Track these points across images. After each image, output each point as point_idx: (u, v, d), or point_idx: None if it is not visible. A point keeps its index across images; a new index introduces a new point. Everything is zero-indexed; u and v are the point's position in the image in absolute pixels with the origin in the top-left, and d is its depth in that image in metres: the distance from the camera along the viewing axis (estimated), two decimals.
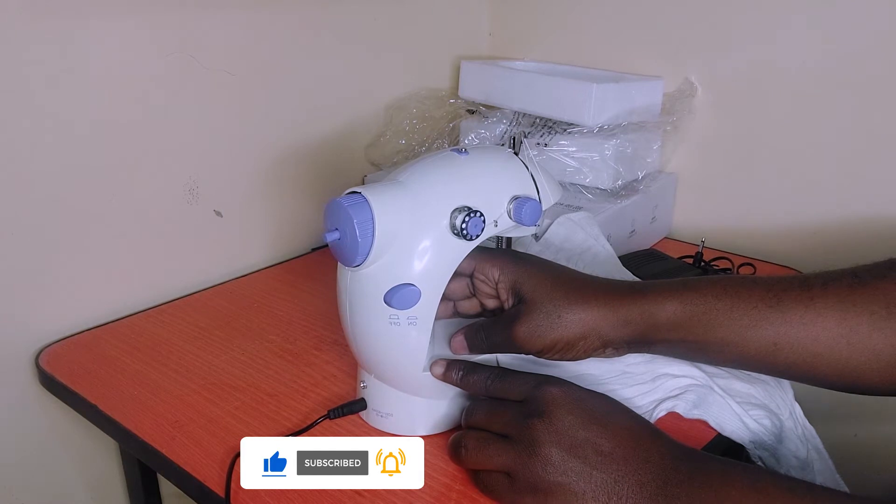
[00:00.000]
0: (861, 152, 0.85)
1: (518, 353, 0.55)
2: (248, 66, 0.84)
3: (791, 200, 0.92)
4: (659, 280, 0.56)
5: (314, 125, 0.95)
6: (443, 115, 1.01)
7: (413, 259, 0.51)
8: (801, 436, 0.62)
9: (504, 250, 0.60)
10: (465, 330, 0.56)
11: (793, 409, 0.62)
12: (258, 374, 0.67)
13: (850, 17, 0.83)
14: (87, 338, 0.75)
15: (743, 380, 0.63)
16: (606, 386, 0.61)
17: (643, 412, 0.60)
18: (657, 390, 0.61)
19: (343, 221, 0.50)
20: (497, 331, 0.55)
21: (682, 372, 0.62)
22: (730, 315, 0.53)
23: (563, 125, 0.90)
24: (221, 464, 0.55)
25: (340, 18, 0.93)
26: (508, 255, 0.57)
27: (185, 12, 0.77)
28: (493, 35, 1.14)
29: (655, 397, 0.61)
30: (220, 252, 0.88)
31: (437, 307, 0.52)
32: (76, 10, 0.69)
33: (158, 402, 0.64)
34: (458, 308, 0.61)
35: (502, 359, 0.59)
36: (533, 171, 0.56)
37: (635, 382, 0.62)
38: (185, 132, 0.81)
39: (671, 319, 0.53)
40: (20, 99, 0.67)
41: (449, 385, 0.55)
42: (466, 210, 0.51)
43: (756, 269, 0.86)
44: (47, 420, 0.76)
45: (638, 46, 1.00)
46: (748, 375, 0.64)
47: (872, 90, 0.83)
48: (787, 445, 0.61)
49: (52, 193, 0.71)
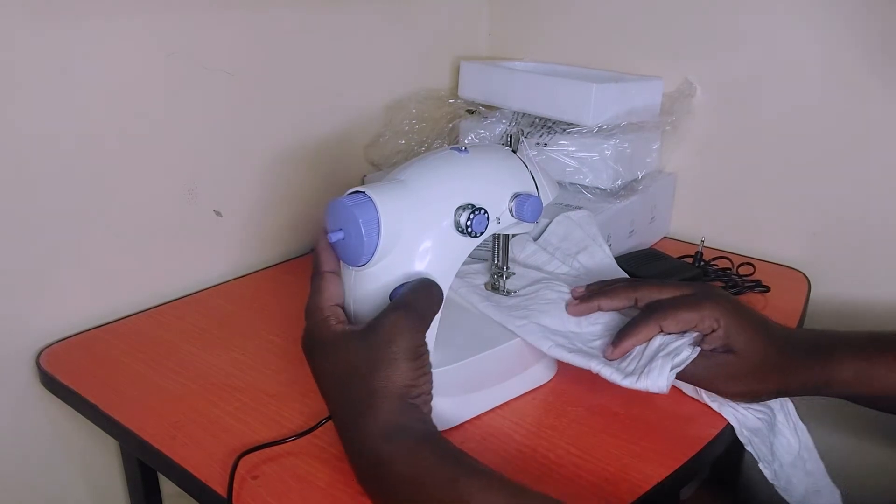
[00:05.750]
0: (861, 152, 0.86)
1: (717, 393, 0.61)
2: (248, 66, 0.84)
3: (790, 200, 0.92)
4: (843, 336, 0.61)
5: (314, 125, 0.94)
6: (442, 115, 1.01)
7: (417, 257, 0.51)
8: (794, 432, 0.62)
9: (721, 292, 0.63)
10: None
11: (784, 404, 0.63)
12: (259, 375, 0.67)
13: (850, 17, 0.83)
14: (87, 338, 0.75)
15: None
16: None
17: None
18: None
19: (348, 221, 0.50)
20: (701, 369, 0.59)
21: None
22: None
23: (562, 125, 0.90)
24: (222, 464, 0.55)
25: (340, 18, 0.93)
26: (727, 302, 0.60)
27: (185, 13, 0.77)
28: (492, 35, 1.14)
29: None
30: (220, 252, 0.88)
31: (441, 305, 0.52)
32: (76, 11, 0.69)
33: (159, 402, 0.63)
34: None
35: (482, 308, 0.64)
36: (531, 168, 0.56)
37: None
38: (184, 132, 0.81)
39: (844, 381, 0.58)
40: (20, 99, 0.67)
41: (452, 383, 0.56)
42: (470, 208, 0.52)
43: (756, 269, 0.86)
44: (48, 420, 0.76)
45: (637, 46, 1.00)
46: None
47: (872, 90, 0.83)
48: (780, 439, 0.61)
49: (52, 193, 0.71)
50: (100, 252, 0.76)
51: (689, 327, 0.60)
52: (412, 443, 0.47)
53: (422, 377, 0.50)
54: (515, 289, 0.69)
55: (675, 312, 0.60)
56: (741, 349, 0.58)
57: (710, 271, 0.86)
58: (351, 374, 0.49)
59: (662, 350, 0.59)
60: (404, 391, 0.48)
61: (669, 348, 0.59)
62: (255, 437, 0.58)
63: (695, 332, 0.60)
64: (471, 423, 0.60)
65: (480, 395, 0.61)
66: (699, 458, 0.57)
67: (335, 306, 0.53)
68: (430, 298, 0.52)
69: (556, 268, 0.76)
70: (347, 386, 0.50)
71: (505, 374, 0.62)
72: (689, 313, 0.59)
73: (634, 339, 0.60)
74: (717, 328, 0.59)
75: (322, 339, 0.51)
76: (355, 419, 0.49)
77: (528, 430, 0.59)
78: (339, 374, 0.50)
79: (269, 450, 0.56)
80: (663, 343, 0.60)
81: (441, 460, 0.47)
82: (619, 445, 0.58)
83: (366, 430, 0.48)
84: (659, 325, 0.60)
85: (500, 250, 0.68)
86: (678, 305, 0.60)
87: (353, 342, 0.50)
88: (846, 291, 0.90)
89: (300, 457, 0.56)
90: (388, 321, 0.49)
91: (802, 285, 0.87)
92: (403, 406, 0.48)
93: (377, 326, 0.49)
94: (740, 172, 0.95)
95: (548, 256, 0.77)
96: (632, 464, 0.55)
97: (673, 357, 0.58)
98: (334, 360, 0.50)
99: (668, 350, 0.59)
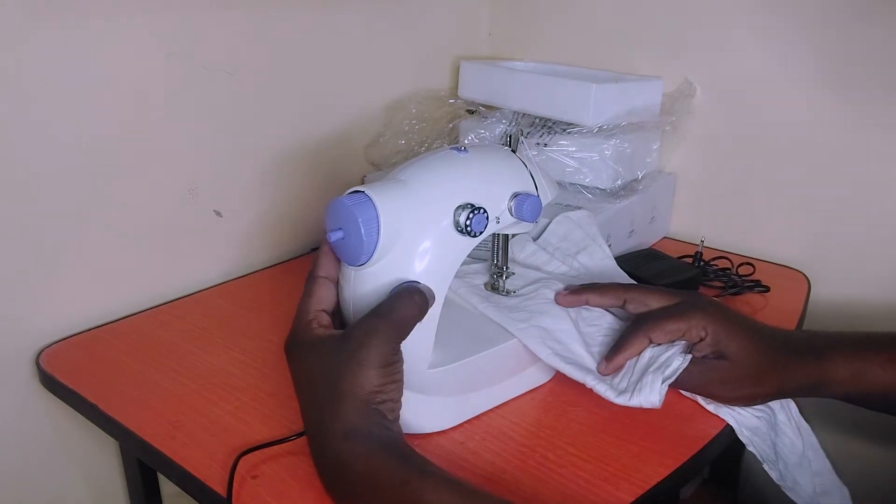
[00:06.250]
0: (861, 152, 0.86)
1: (712, 399, 0.61)
2: (248, 66, 0.84)
3: (790, 200, 0.92)
4: (837, 336, 0.62)
5: (314, 125, 0.95)
6: (442, 115, 1.01)
7: (417, 257, 0.51)
8: (796, 432, 0.62)
9: (708, 300, 0.64)
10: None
11: (785, 404, 0.63)
12: (259, 374, 0.67)
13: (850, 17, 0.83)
14: (87, 338, 0.75)
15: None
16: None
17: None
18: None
19: (347, 221, 0.50)
20: (695, 377, 0.60)
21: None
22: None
23: (562, 125, 0.90)
24: (222, 464, 0.55)
25: (340, 18, 0.93)
26: (715, 310, 0.61)
27: (185, 12, 0.77)
28: (492, 35, 1.14)
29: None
30: (220, 252, 0.88)
31: (441, 305, 0.52)
32: (76, 11, 0.69)
33: (159, 402, 0.63)
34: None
35: (482, 308, 0.64)
36: (531, 168, 0.56)
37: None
38: (185, 132, 0.81)
39: (840, 380, 0.59)
40: (20, 99, 0.67)
41: (452, 383, 0.56)
42: (470, 207, 0.52)
43: (755, 269, 0.86)
44: (48, 420, 0.75)
45: (637, 46, 1.00)
46: None
47: (873, 90, 0.83)
48: (783, 439, 0.61)
49: (52, 193, 0.71)
50: (100, 252, 0.76)
51: (677, 337, 0.61)
52: (370, 445, 0.48)
53: (390, 384, 0.50)
54: (515, 289, 0.69)
55: (663, 323, 0.61)
56: (732, 354, 0.59)
57: (709, 271, 0.86)
58: (322, 375, 0.50)
59: (653, 363, 0.60)
60: (369, 396, 0.49)
61: (659, 360, 0.60)
62: (255, 436, 0.58)
63: (683, 340, 0.61)
64: (471, 423, 0.60)
65: (480, 394, 0.61)
66: (699, 458, 0.57)
67: (321, 311, 0.54)
68: (412, 306, 0.52)
69: (556, 268, 0.76)
70: (317, 387, 0.51)
71: (504, 374, 0.62)
72: (677, 323, 0.60)
73: (626, 353, 0.61)
74: (706, 336, 0.60)
75: (301, 342, 0.52)
76: (320, 420, 0.50)
77: (527, 430, 0.60)
78: (312, 376, 0.51)
79: (268, 449, 0.56)
80: (653, 356, 0.61)
81: (396, 463, 0.48)
82: (619, 445, 0.58)
83: (328, 431, 0.49)
84: (648, 336, 0.61)
85: (499, 250, 0.68)
86: (665, 316, 0.61)
87: (329, 346, 0.51)
88: (846, 291, 0.90)
89: (300, 456, 0.56)
90: (362, 327, 0.50)
91: (802, 285, 0.87)
92: (367, 410, 0.49)
93: (352, 331, 0.50)
94: (740, 172, 0.95)
95: (547, 256, 0.77)
96: (631, 464, 0.55)
97: (664, 370, 0.59)
98: (309, 362, 0.52)
99: (658, 363, 0.60)
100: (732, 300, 0.82)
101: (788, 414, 0.63)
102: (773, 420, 0.61)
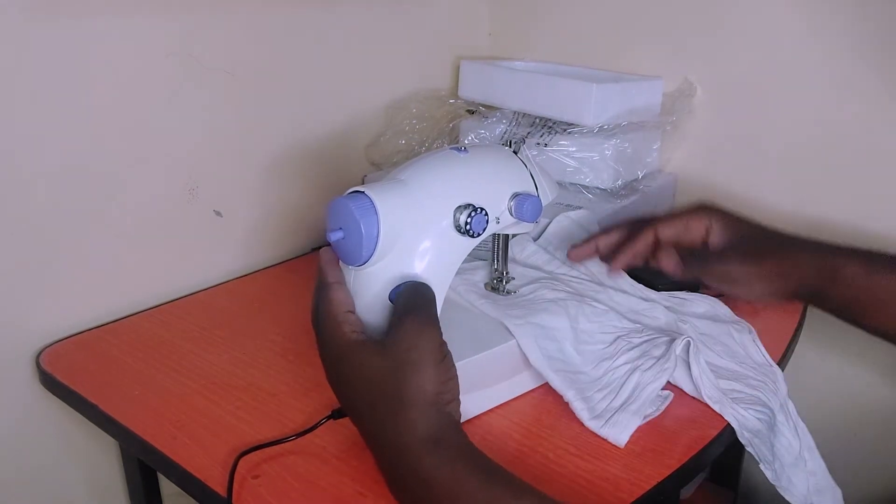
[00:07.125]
0: (861, 152, 0.86)
1: (749, 299, 0.68)
2: (248, 66, 0.84)
3: (791, 200, 0.92)
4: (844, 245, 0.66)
5: (314, 125, 0.95)
6: (442, 115, 1.01)
7: (417, 257, 0.51)
8: (794, 432, 0.62)
9: (713, 203, 0.71)
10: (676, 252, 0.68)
11: (785, 404, 0.62)
12: (259, 374, 0.67)
13: (850, 17, 0.83)
14: (87, 338, 0.75)
15: (725, 377, 0.63)
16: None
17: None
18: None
19: (348, 221, 0.50)
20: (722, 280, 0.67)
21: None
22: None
23: (562, 125, 0.90)
24: (223, 464, 0.55)
25: (340, 18, 0.93)
26: (717, 209, 0.69)
27: (186, 12, 0.77)
28: (492, 35, 1.14)
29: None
30: (220, 252, 0.88)
31: (441, 304, 0.52)
32: (76, 10, 0.69)
33: (159, 402, 0.63)
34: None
35: (480, 305, 0.65)
36: (531, 168, 0.56)
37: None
38: (185, 132, 0.81)
39: (849, 276, 0.63)
40: (20, 98, 0.67)
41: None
42: (470, 207, 0.52)
43: None
44: (48, 420, 0.75)
45: (638, 46, 1.00)
46: (732, 372, 0.64)
47: (873, 89, 0.83)
48: (780, 439, 0.61)
49: (52, 193, 0.71)
50: (100, 252, 0.76)
51: (682, 228, 0.68)
52: (452, 457, 0.46)
53: (450, 381, 0.48)
54: (515, 289, 0.69)
55: (670, 219, 0.68)
56: (741, 242, 0.65)
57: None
58: (378, 385, 0.47)
59: (635, 398, 0.59)
60: (435, 398, 0.47)
61: (644, 394, 0.59)
62: (256, 436, 0.58)
63: (690, 237, 0.68)
64: (471, 422, 0.60)
65: (480, 394, 0.61)
66: (699, 458, 0.57)
67: (348, 313, 0.51)
68: (428, 299, 0.51)
69: (557, 268, 0.76)
70: (374, 398, 0.48)
71: (504, 374, 0.62)
72: (682, 217, 0.68)
73: (633, 248, 0.68)
74: (710, 226, 0.67)
75: (338, 348, 0.50)
76: (390, 432, 0.47)
77: (527, 430, 0.60)
78: (362, 386, 0.48)
79: (269, 449, 0.56)
80: (639, 383, 0.60)
81: (484, 481, 0.45)
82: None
83: (402, 444, 0.46)
84: (654, 230, 0.67)
85: (499, 250, 0.68)
86: (671, 214, 0.69)
87: (372, 355, 0.48)
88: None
89: (301, 456, 0.56)
90: (403, 329, 0.48)
91: None
92: (439, 416, 0.47)
93: (394, 336, 0.48)
94: (740, 172, 0.95)
95: (548, 256, 0.77)
96: (632, 464, 0.55)
97: (646, 408, 0.59)
98: (352, 369, 0.49)
99: (641, 400, 0.59)
100: (733, 300, 0.81)
101: (787, 414, 0.63)
102: (772, 421, 0.61)
